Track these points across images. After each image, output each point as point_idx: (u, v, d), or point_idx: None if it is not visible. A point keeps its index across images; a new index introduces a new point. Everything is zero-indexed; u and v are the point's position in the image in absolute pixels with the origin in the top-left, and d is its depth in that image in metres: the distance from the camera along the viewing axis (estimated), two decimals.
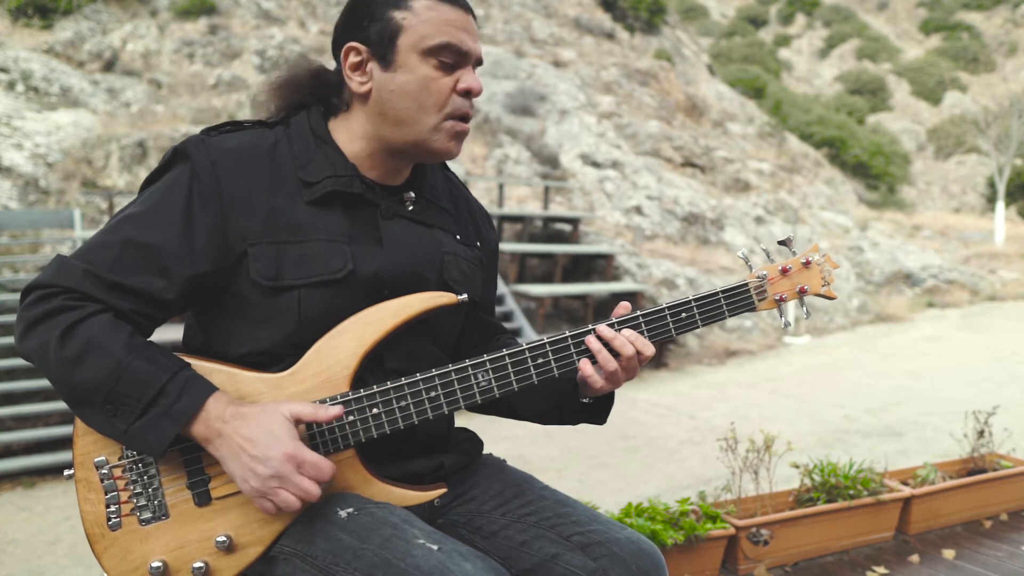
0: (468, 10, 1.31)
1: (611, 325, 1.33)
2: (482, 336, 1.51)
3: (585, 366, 1.30)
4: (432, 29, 1.26)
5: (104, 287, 1.19)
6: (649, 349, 1.31)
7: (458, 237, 1.43)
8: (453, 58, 1.28)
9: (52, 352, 1.15)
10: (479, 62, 1.32)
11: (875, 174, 28.37)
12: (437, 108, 1.28)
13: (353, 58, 1.29)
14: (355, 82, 1.30)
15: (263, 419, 1.15)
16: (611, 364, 1.30)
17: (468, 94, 1.30)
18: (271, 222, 1.24)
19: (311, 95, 1.36)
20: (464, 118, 1.32)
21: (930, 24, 49.19)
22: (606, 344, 1.31)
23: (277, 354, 1.26)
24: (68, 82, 12.72)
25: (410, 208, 1.36)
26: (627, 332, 1.32)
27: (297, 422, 1.18)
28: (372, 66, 1.28)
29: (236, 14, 16.22)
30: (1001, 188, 23.98)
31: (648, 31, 23.55)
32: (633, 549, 1.27)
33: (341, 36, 1.32)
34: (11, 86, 12.10)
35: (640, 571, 1.25)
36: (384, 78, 1.28)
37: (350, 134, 1.33)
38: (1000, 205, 22.52)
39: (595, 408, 1.45)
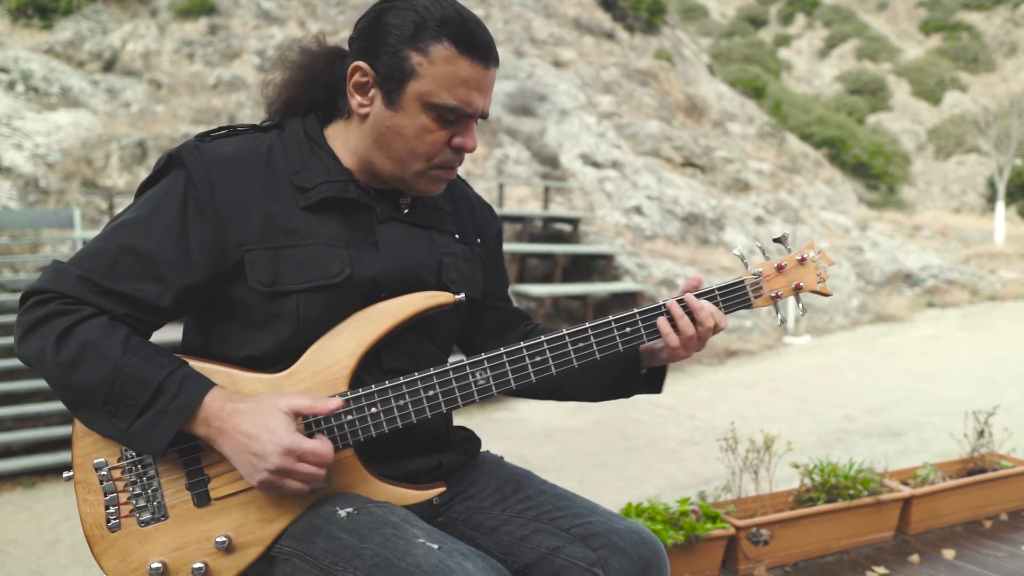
0: (489, 62, 1.26)
1: (679, 301, 1.36)
2: (501, 326, 1.51)
3: (664, 324, 1.34)
4: (443, 87, 1.22)
5: (98, 293, 1.19)
6: (725, 321, 1.36)
7: (457, 236, 1.42)
8: (456, 117, 1.26)
9: (49, 356, 1.15)
10: (484, 115, 1.30)
11: (875, 174, 28.37)
12: (427, 158, 1.28)
13: (359, 78, 1.27)
14: (355, 101, 1.28)
15: (260, 415, 1.16)
16: (690, 330, 1.33)
17: (461, 150, 1.29)
18: (267, 228, 1.24)
19: (323, 89, 1.33)
20: (451, 168, 1.31)
21: (930, 24, 49.18)
22: (689, 313, 1.34)
23: (275, 358, 1.26)
24: (68, 82, 12.71)
25: (406, 211, 1.36)
26: (708, 305, 1.35)
27: (296, 415, 1.18)
28: (375, 93, 1.26)
29: (236, 14, 16.22)
30: (1001, 188, 23.97)
31: (648, 31, 23.54)
32: (633, 538, 1.27)
33: (356, 47, 1.29)
34: (11, 86, 12.10)
35: (641, 560, 1.25)
36: (384, 113, 1.26)
37: (346, 145, 1.32)
38: (1000, 205, 22.51)
39: (652, 378, 1.48)
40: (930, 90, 40.12)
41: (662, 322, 1.34)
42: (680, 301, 1.35)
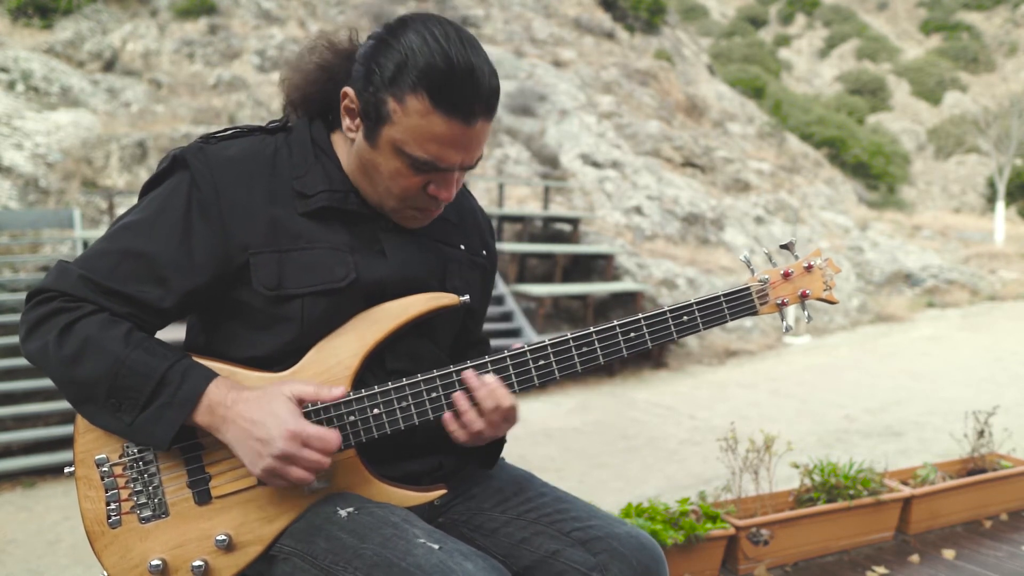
0: (471, 119, 1.17)
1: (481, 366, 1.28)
2: (463, 347, 1.48)
3: (449, 422, 1.27)
4: (414, 139, 1.17)
5: (100, 293, 1.19)
6: (507, 401, 1.25)
7: (462, 247, 1.42)
8: (429, 169, 1.22)
9: (52, 352, 1.16)
10: (466, 168, 1.24)
11: (875, 174, 28.36)
12: (400, 199, 1.26)
13: (348, 103, 1.24)
14: (345, 123, 1.26)
15: (264, 400, 1.16)
16: (476, 424, 1.26)
17: (435, 197, 1.25)
18: (272, 231, 1.24)
19: (337, 91, 1.29)
20: (426, 211, 1.29)
21: (930, 24, 49.19)
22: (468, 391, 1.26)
23: (278, 359, 1.26)
24: (68, 82, 12.71)
25: None
26: (490, 382, 1.26)
27: (300, 402, 1.18)
28: (359, 123, 1.24)
29: (236, 14, 16.21)
30: (1001, 188, 23.97)
31: (648, 31, 23.54)
32: (633, 544, 1.27)
33: (354, 68, 1.24)
34: (11, 86, 12.10)
35: (640, 565, 1.25)
36: (364, 145, 1.24)
37: (346, 156, 1.31)
38: (1000, 205, 22.51)
39: (484, 454, 1.43)
40: (930, 90, 40.12)
41: (447, 416, 1.26)
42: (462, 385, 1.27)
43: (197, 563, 1.20)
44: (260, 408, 1.15)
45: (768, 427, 3.32)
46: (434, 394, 1.27)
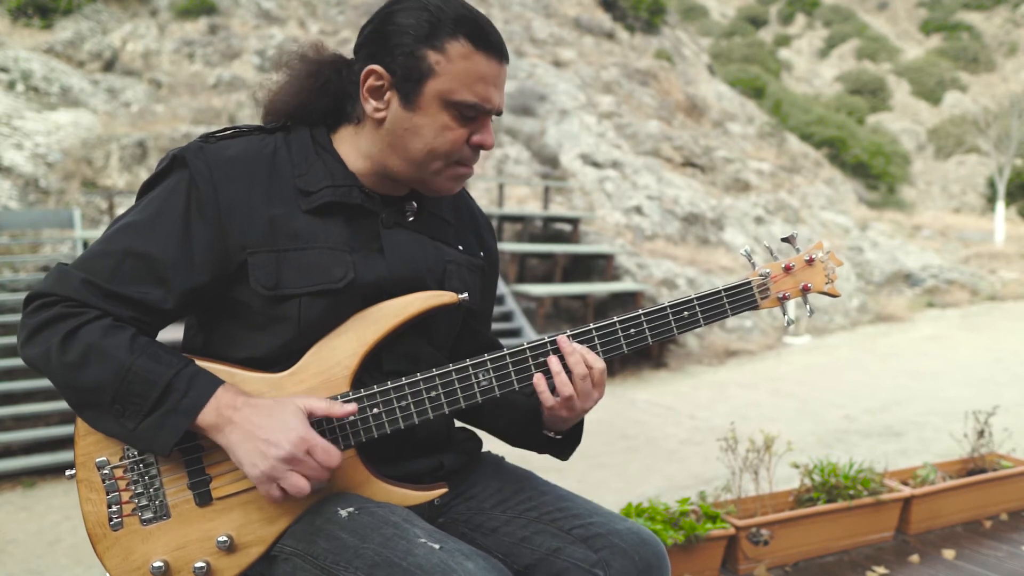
0: (503, 58, 1.27)
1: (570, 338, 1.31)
2: (472, 348, 1.47)
3: (539, 382, 1.29)
4: (463, 84, 1.22)
5: (102, 296, 1.19)
6: (599, 363, 1.29)
7: (460, 248, 1.42)
8: (475, 114, 1.25)
9: (54, 358, 1.16)
10: (499, 112, 1.29)
11: (875, 174, 28.36)
12: (447, 156, 1.27)
13: (373, 82, 1.25)
14: (370, 106, 1.26)
15: (276, 409, 1.16)
16: (567, 388, 1.28)
17: (479, 147, 1.29)
18: (271, 230, 1.23)
19: (332, 97, 1.31)
20: (468, 164, 1.31)
21: (930, 24, 49.18)
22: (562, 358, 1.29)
23: (275, 359, 1.26)
24: (68, 82, 12.71)
25: (411, 219, 1.35)
26: (580, 348, 1.30)
27: (310, 416, 1.18)
28: (391, 96, 1.25)
29: (236, 14, 16.21)
30: (1001, 188, 23.97)
31: (648, 31, 23.53)
32: (634, 539, 1.27)
33: (365, 52, 1.27)
34: (11, 86, 12.10)
35: (642, 561, 1.25)
36: (401, 115, 1.25)
37: (356, 150, 1.31)
38: (1000, 205, 22.51)
39: (560, 442, 1.45)
40: (930, 90, 40.12)
41: (537, 378, 1.30)
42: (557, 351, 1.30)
43: (199, 564, 1.21)
44: (271, 414, 1.16)
45: (768, 427, 3.32)
46: (434, 393, 1.27)
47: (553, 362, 1.29)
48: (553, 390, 1.29)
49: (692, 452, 6.41)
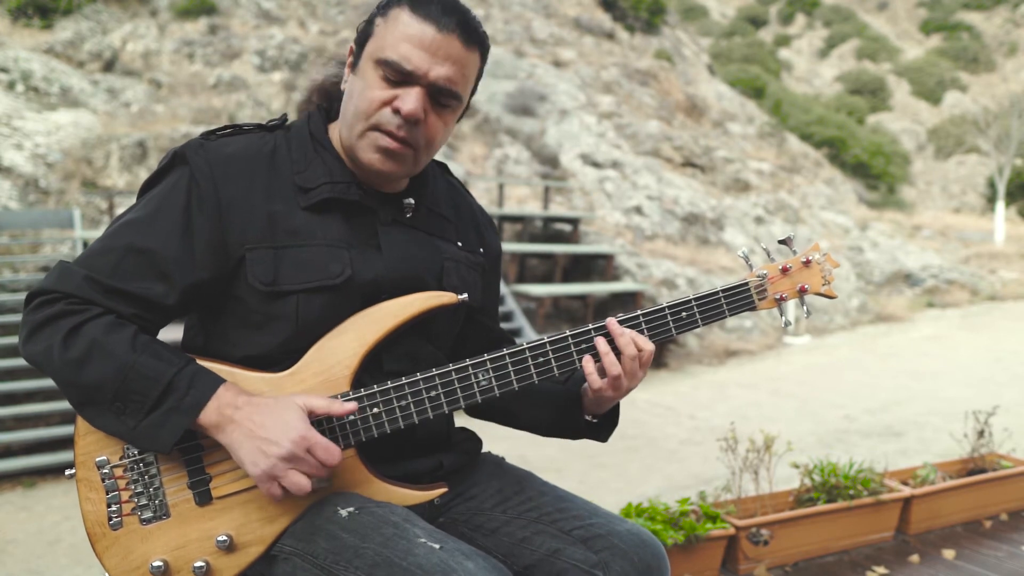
0: (442, 27, 1.22)
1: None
2: (484, 344, 1.47)
3: (587, 363, 1.31)
4: (387, 42, 1.24)
5: (105, 292, 1.19)
6: (649, 345, 1.32)
7: (459, 244, 1.42)
8: (396, 76, 1.23)
9: (56, 355, 1.16)
10: (444, 90, 1.24)
11: (875, 174, 28.36)
12: (364, 116, 1.25)
13: (348, 58, 1.33)
14: (345, 78, 1.33)
15: (276, 408, 1.16)
16: (615, 368, 1.30)
17: (398, 113, 1.24)
18: (269, 227, 1.24)
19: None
20: (390, 134, 1.25)
21: (930, 24, 49.18)
22: (611, 341, 1.32)
23: (274, 358, 1.26)
24: (68, 82, 12.71)
25: (409, 216, 1.36)
26: (629, 331, 1.33)
27: (311, 415, 1.18)
28: (350, 64, 1.32)
29: (236, 14, 16.21)
30: (1001, 188, 23.97)
31: (648, 31, 23.53)
32: (634, 541, 1.27)
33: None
34: (11, 86, 12.10)
35: (642, 562, 1.25)
36: (350, 80, 1.31)
37: (340, 142, 1.34)
38: (1000, 205, 22.51)
39: (598, 426, 1.46)
40: (930, 90, 40.12)
41: (586, 360, 1.31)
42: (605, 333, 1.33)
43: (198, 564, 1.21)
44: (272, 413, 1.16)
45: (768, 427, 3.33)
46: (434, 393, 1.27)
47: (600, 343, 1.31)
48: (600, 372, 1.31)
49: (692, 452, 6.42)
